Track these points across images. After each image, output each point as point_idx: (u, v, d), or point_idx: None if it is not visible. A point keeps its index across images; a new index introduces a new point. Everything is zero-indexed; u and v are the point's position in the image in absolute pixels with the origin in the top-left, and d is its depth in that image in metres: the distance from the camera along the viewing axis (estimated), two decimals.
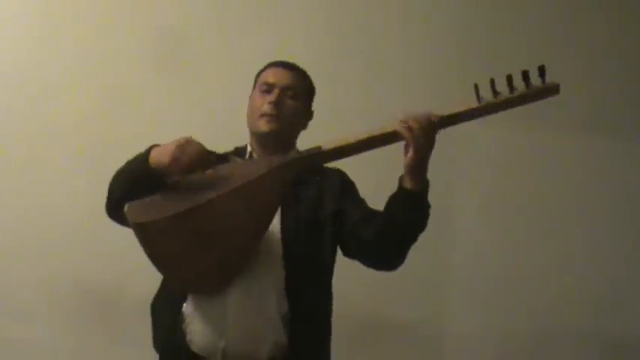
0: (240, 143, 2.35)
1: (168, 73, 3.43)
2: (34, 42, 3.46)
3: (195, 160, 2.03)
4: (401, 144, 2.07)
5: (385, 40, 3.54)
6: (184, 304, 2.12)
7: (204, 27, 3.49)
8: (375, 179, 2.37)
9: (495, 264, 3.42)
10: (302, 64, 2.36)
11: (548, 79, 2.07)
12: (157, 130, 3.30)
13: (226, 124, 3.10)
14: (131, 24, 3.49)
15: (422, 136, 2.02)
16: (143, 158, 2.08)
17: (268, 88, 2.26)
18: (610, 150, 3.49)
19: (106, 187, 2.17)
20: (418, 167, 2.04)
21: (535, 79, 2.07)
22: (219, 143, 2.23)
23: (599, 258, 3.45)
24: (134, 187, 2.07)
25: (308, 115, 2.35)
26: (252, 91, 2.33)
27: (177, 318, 2.11)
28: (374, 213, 2.18)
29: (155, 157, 2.05)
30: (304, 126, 2.34)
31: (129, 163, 2.13)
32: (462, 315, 3.40)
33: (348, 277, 2.29)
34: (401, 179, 2.08)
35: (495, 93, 2.07)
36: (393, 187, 2.11)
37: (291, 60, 2.36)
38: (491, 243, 3.43)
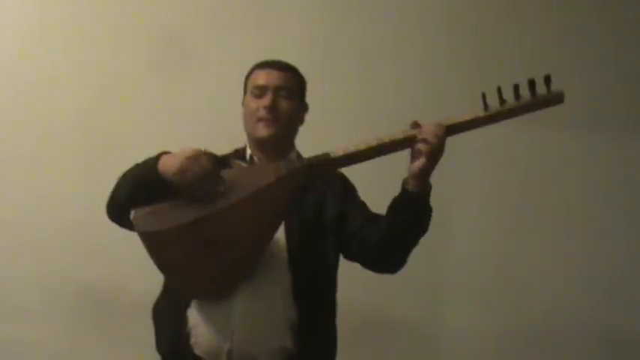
0: (238, 143, 2.33)
1: (167, 73, 3.43)
2: (32, 41, 3.45)
3: (199, 180, 1.98)
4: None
5: (381, 40, 3.54)
6: (189, 308, 2.12)
7: (202, 27, 3.49)
8: (369, 184, 2.39)
9: (493, 262, 3.44)
10: (299, 63, 2.34)
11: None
12: (155, 129, 3.33)
13: (224, 124, 3.10)
14: (129, 23, 3.48)
15: (436, 145, 2.04)
16: (152, 164, 2.04)
17: (260, 92, 2.24)
18: (611, 149, 3.50)
19: (104, 186, 2.15)
20: (426, 173, 2.07)
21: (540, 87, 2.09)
22: (217, 143, 2.22)
23: (598, 256, 3.47)
24: (140, 192, 2.04)
25: (303, 109, 2.34)
26: (245, 96, 2.30)
27: (182, 321, 2.11)
28: (376, 216, 2.19)
29: (163, 166, 2.01)
30: (301, 121, 2.33)
31: (138, 167, 2.10)
32: (460, 313, 3.42)
33: (346, 275, 2.29)
34: (405, 183, 2.10)
35: (502, 101, 2.09)
36: (387, 191, 2.13)
37: (288, 59, 2.33)
38: (490, 241, 3.45)
